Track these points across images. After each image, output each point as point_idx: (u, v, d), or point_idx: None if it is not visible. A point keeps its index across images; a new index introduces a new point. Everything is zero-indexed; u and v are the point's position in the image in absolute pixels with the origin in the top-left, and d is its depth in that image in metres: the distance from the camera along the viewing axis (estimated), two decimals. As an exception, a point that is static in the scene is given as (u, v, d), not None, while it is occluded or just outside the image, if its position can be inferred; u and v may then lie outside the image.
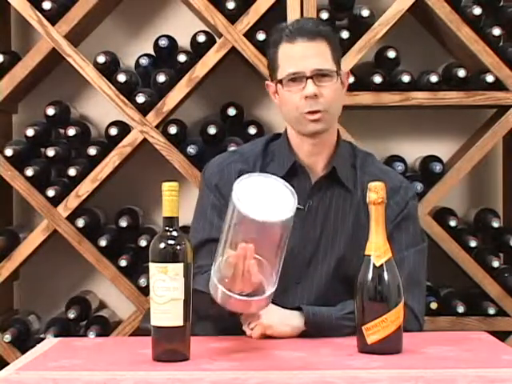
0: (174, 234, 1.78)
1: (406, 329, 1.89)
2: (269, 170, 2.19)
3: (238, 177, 2.18)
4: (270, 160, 2.25)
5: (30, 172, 3.11)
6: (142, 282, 3.11)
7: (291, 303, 2.08)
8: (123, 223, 3.16)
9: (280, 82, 2.17)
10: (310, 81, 2.13)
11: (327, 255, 2.18)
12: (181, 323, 1.76)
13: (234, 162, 2.25)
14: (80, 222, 3.14)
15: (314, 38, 2.15)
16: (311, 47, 2.15)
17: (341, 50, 2.26)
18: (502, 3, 3.20)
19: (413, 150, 3.36)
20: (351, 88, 3.10)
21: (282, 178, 2.16)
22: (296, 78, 2.15)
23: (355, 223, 2.20)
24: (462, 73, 3.09)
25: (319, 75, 2.14)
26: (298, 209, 2.14)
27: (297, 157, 2.22)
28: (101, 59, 3.15)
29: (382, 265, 1.84)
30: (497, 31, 3.09)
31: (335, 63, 2.18)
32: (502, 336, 2.95)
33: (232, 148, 2.99)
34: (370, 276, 1.84)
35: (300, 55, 2.14)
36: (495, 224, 3.17)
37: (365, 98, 3.10)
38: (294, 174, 2.21)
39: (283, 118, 2.25)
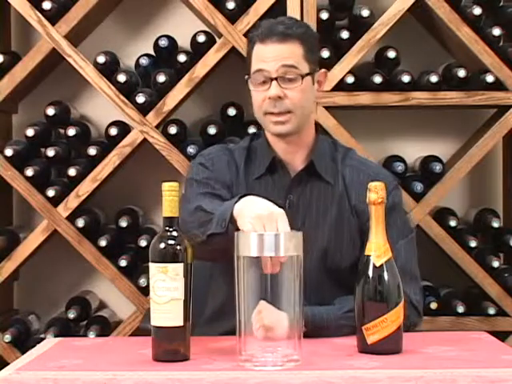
0: (174, 234, 1.79)
1: (406, 320, 1.89)
2: (251, 165, 2.26)
3: (228, 169, 2.25)
4: (253, 156, 2.29)
5: (30, 172, 3.11)
6: (142, 282, 3.11)
7: None
8: (123, 223, 3.16)
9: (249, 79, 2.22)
10: (274, 82, 2.16)
11: (311, 248, 2.18)
12: (181, 323, 1.76)
13: (224, 155, 2.30)
14: (80, 222, 3.14)
15: (285, 40, 2.17)
16: (281, 49, 2.17)
17: (319, 49, 2.29)
18: (501, 3, 3.20)
19: (413, 150, 3.36)
20: (351, 88, 3.11)
21: (262, 174, 2.24)
22: (263, 79, 2.17)
23: (338, 215, 2.23)
24: (462, 73, 3.09)
25: (285, 78, 2.16)
26: (279, 205, 2.17)
27: (275, 153, 2.26)
28: (101, 59, 3.15)
29: (381, 265, 1.84)
30: (497, 31, 3.09)
31: (308, 63, 2.19)
32: (501, 336, 2.95)
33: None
34: (370, 276, 1.84)
35: (268, 56, 2.17)
36: (495, 224, 3.17)
37: (365, 98, 3.10)
38: (273, 169, 2.25)
39: None
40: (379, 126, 3.40)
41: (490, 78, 3.10)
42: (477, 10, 3.07)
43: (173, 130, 3.14)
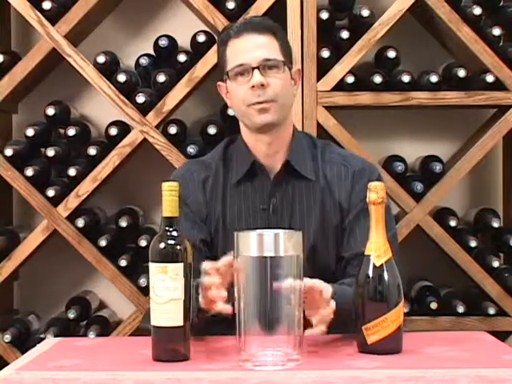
0: (174, 233, 1.79)
1: None
2: (230, 173, 2.24)
3: (203, 185, 2.22)
4: (230, 163, 2.27)
5: (30, 172, 3.11)
6: (142, 281, 3.11)
7: None
8: (123, 223, 3.16)
9: (228, 75, 2.20)
10: (256, 71, 2.15)
11: None
12: (181, 323, 1.76)
13: (197, 172, 2.27)
14: (80, 222, 3.14)
15: (262, 32, 2.19)
16: (258, 40, 2.18)
17: (290, 47, 2.29)
18: (502, 3, 3.20)
19: (413, 150, 3.36)
20: (351, 88, 3.11)
21: (241, 179, 2.22)
22: (243, 72, 2.17)
23: (322, 212, 2.23)
24: (462, 73, 3.09)
25: (266, 66, 2.16)
26: (263, 209, 2.17)
27: (255, 157, 2.25)
28: (101, 59, 3.15)
29: (381, 265, 1.84)
30: (497, 31, 3.09)
31: (284, 57, 2.20)
32: (501, 336, 2.95)
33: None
34: (370, 276, 1.84)
35: (247, 47, 2.18)
36: (495, 224, 3.17)
37: (365, 97, 3.10)
38: (253, 174, 2.24)
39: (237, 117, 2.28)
40: (379, 126, 3.40)
41: (489, 78, 3.10)
42: (477, 10, 3.07)
43: (173, 129, 3.14)
